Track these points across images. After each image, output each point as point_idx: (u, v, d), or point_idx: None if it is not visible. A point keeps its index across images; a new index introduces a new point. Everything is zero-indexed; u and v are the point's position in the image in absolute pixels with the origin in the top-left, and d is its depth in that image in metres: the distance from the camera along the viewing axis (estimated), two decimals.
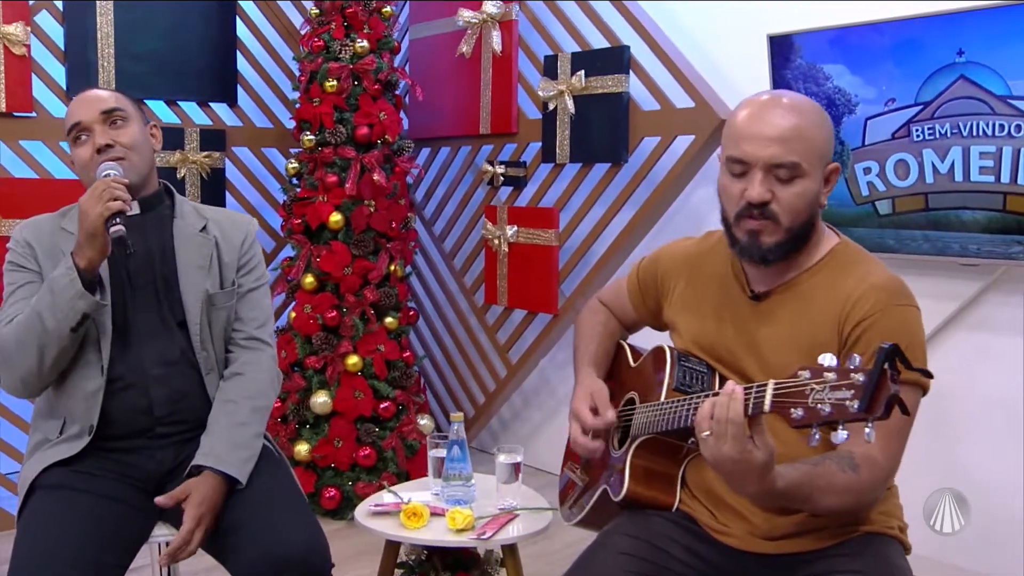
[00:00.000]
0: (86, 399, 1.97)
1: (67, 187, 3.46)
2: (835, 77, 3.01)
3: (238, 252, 2.14)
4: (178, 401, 2.01)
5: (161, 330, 2.02)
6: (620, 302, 2.09)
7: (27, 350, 1.89)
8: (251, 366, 2.09)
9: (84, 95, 2.07)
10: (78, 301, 1.85)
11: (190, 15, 3.82)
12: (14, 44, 3.36)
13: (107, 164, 1.96)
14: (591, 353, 2.04)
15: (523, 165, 3.76)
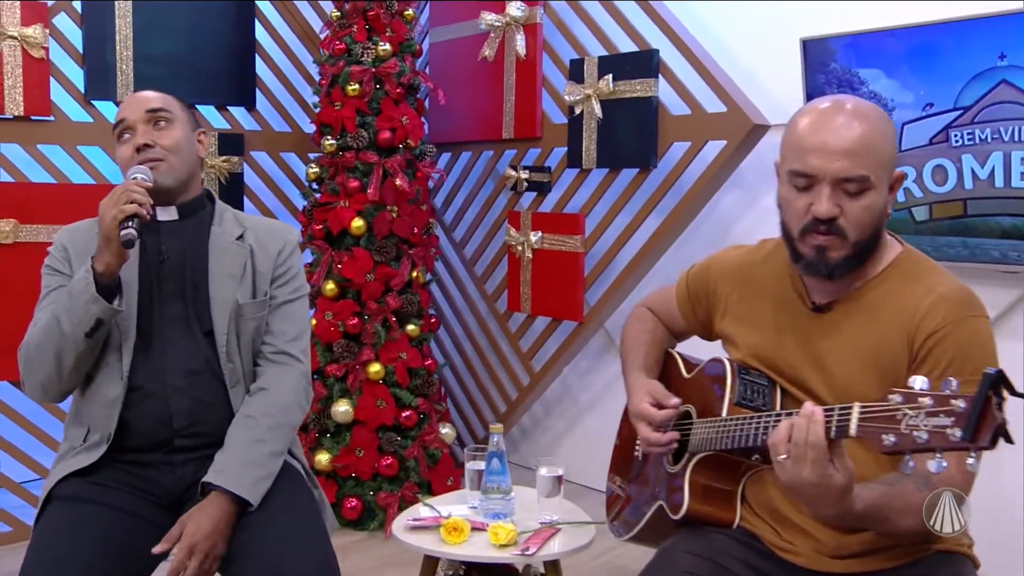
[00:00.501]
0: (107, 406, 1.92)
1: (85, 192, 3.43)
2: (871, 81, 2.96)
3: (273, 262, 2.07)
4: (199, 413, 1.94)
5: (186, 338, 1.96)
6: (668, 310, 2.04)
7: (45, 354, 1.87)
8: (277, 381, 2.00)
9: (134, 94, 2.05)
10: (92, 306, 1.81)
11: (208, 16, 3.76)
12: (32, 46, 3.30)
13: (138, 168, 1.92)
14: (640, 361, 1.99)
15: (547, 170, 3.71)
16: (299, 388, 2.03)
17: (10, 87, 3.28)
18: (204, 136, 2.10)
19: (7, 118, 3.31)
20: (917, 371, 1.53)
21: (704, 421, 1.74)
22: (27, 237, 3.31)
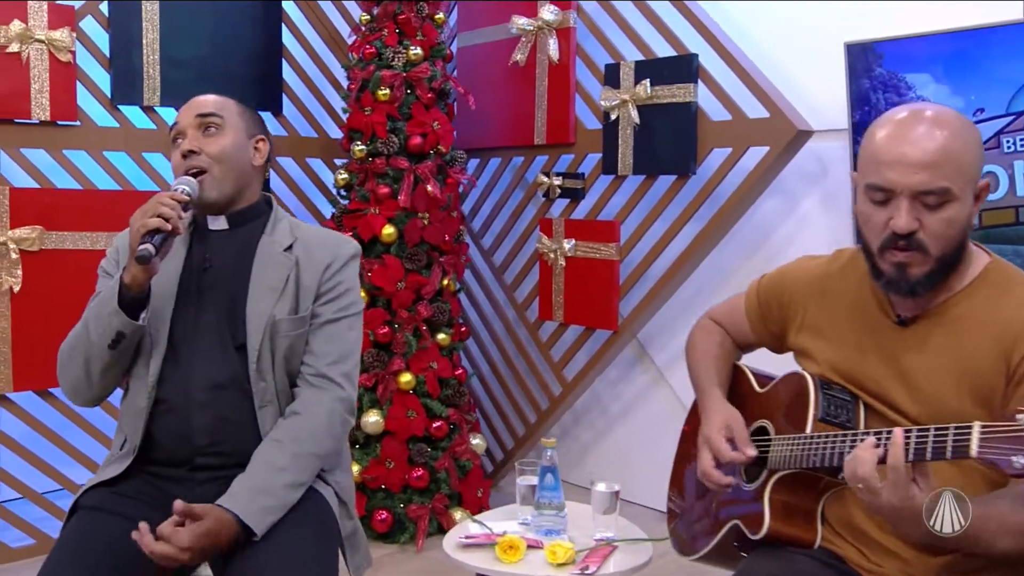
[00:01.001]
0: (136, 416, 1.88)
1: (111, 199, 3.37)
2: (919, 87, 2.90)
3: (319, 277, 1.94)
4: (222, 431, 1.86)
5: (216, 352, 1.88)
6: (736, 322, 1.98)
7: (76, 359, 1.85)
8: (312, 406, 1.88)
9: (194, 98, 1.99)
10: (114, 318, 1.78)
11: (234, 20, 3.70)
12: (59, 50, 3.24)
13: (183, 179, 1.86)
14: (713, 373, 1.93)
15: (581, 177, 3.65)
16: (334, 415, 1.90)
17: (37, 91, 3.22)
18: (262, 143, 2.02)
19: (33, 123, 3.25)
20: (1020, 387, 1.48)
21: (786, 438, 1.67)
22: (53, 244, 3.24)
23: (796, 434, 1.65)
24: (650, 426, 3.83)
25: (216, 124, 1.93)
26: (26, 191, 3.22)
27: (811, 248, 3.24)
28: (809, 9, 3.23)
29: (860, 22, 3.07)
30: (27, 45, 3.18)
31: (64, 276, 3.26)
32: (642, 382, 3.86)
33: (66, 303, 3.23)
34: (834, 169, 3.23)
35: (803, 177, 3.29)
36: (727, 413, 1.82)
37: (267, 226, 1.98)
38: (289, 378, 1.92)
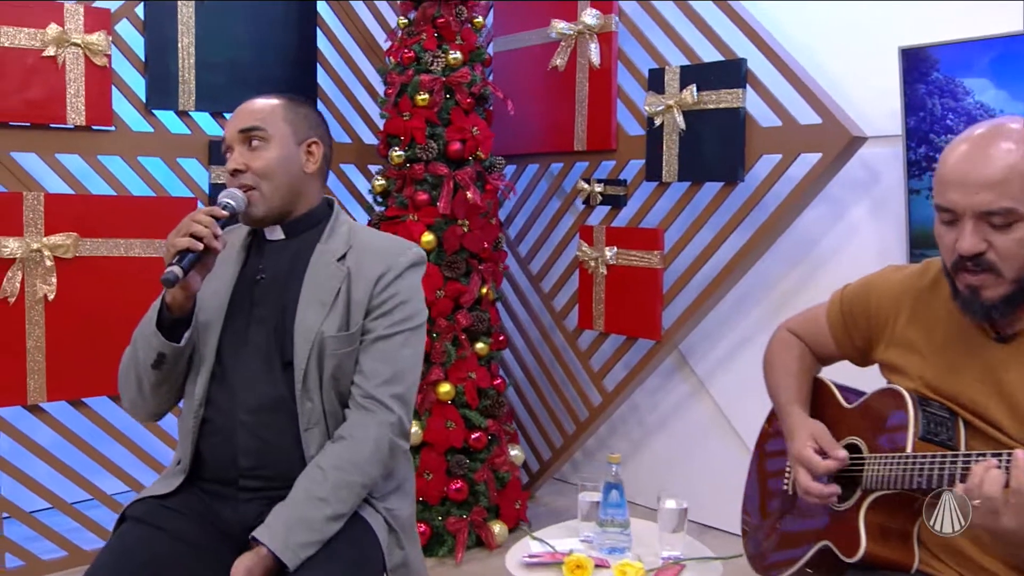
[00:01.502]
0: (185, 435, 1.84)
1: (146, 205, 3.31)
2: (977, 92, 2.84)
3: (371, 289, 1.82)
4: (267, 454, 1.78)
5: (262, 371, 1.80)
6: (817, 334, 1.91)
7: (128, 376, 1.83)
8: (359, 430, 1.76)
9: (242, 105, 1.88)
10: (153, 339, 1.73)
11: (269, 23, 3.63)
12: (95, 54, 3.18)
13: (231, 191, 1.79)
14: (794, 393, 1.86)
15: (623, 183, 3.58)
16: (382, 441, 1.77)
17: (72, 96, 3.16)
18: (315, 146, 1.89)
19: (68, 128, 3.20)
20: None
21: (883, 457, 1.60)
22: (88, 251, 3.18)
23: (894, 453, 1.58)
24: (690, 437, 3.77)
25: (260, 137, 1.82)
26: (61, 197, 3.16)
27: (858, 258, 3.22)
28: (855, 13, 3.17)
29: (904, 26, 3.03)
30: (63, 49, 3.12)
31: (99, 284, 3.20)
32: (681, 392, 3.80)
33: (101, 311, 3.20)
34: (884, 176, 3.16)
35: (851, 185, 3.23)
36: (812, 427, 1.76)
37: (324, 234, 1.88)
38: (339, 398, 1.82)
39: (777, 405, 1.89)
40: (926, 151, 2.95)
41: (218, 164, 3.49)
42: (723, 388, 3.65)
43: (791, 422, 1.80)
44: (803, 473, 1.71)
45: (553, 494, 4.10)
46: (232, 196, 1.77)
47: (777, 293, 3.45)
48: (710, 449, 3.69)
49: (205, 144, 3.49)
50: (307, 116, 1.92)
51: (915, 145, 2.96)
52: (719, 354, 3.65)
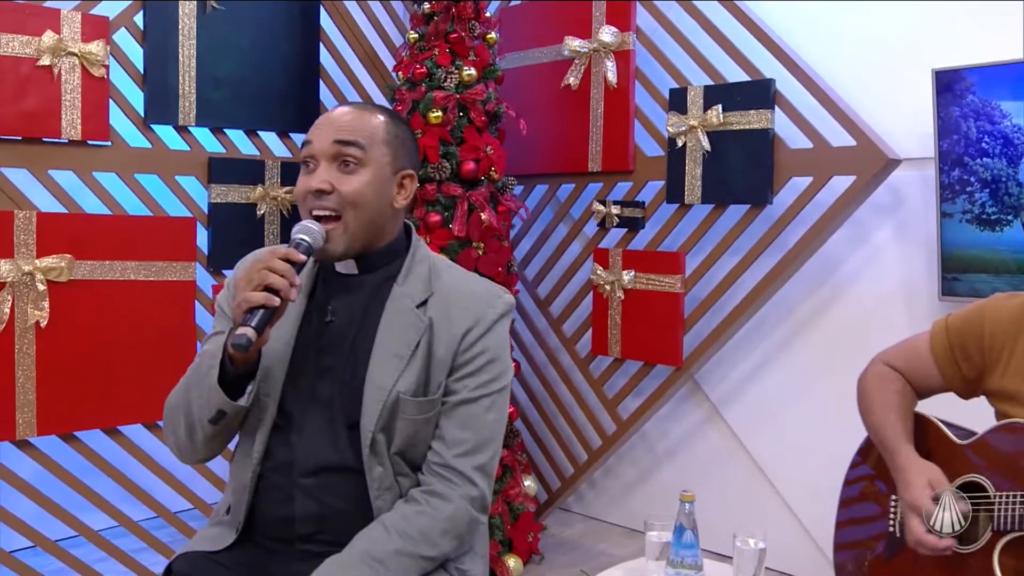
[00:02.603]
0: (238, 492, 1.63)
1: (144, 225, 3.11)
2: (1014, 115, 2.82)
3: (455, 346, 1.59)
4: (328, 520, 1.58)
5: (325, 430, 1.59)
6: (919, 366, 1.83)
7: (177, 421, 1.62)
8: (434, 500, 1.55)
9: (335, 111, 1.64)
10: (213, 394, 1.52)
11: (272, 36, 3.47)
12: (93, 64, 2.98)
13: (307, 226, 1.53)
14: (900, 429, 1.77)
15: (641, 205, 3.49)
16: (460, 517, 1.57)
17: (68, 108, 2.96)
18: (409, 180, 1.66)
19: (62, 142, 2.99)
20: None
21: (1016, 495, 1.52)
22: (83, 274, 2.97)
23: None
24: (702, 464, 3.68)
25: (356, 157, 1.57)
26: (54, 216, 2.95)
27: (882, 282, 3.18)
28: (879, 35, 3.14)
29: (930, 48, 3.00)
30: (59, 58, 2.92)
31: (94, 309, 3.00)
32: (694, 418, 3.71)
33: (96, 339, 2.99)
34: (909, 199, 3.13)
35: (875, 208, 3.18)
36: (928, 472, 1.67)
37: (401, 272, 1.66)
38: (410, 464, 1.61)
39: (882, 442, 1.80)
40: (960, 174, 2.92)
41: (219, 183, 3.31)
42: (739, 414, 3.57)
43: (902, 463, 1.71)
44: (916, 523, 1.62)
45: (559, 524, 3.97)
46: (308, 232, 1.52)
47: (796, 317, 3.39)
48: (725, 476, 3.60)
49: (205, 161, 3.30)
50: (406, 142, 1.68)
51: (948, 168, 2.93)
52: (734, 380, 3.57)
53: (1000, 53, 2.84)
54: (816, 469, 3.32)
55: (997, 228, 2.87)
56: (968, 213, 2.91)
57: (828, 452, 3.28)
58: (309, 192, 1.57)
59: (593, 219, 3.64)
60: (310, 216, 1.58)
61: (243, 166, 3.39)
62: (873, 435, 1.83)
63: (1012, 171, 2.82)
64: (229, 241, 3.36)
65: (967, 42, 2.94)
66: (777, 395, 3.45)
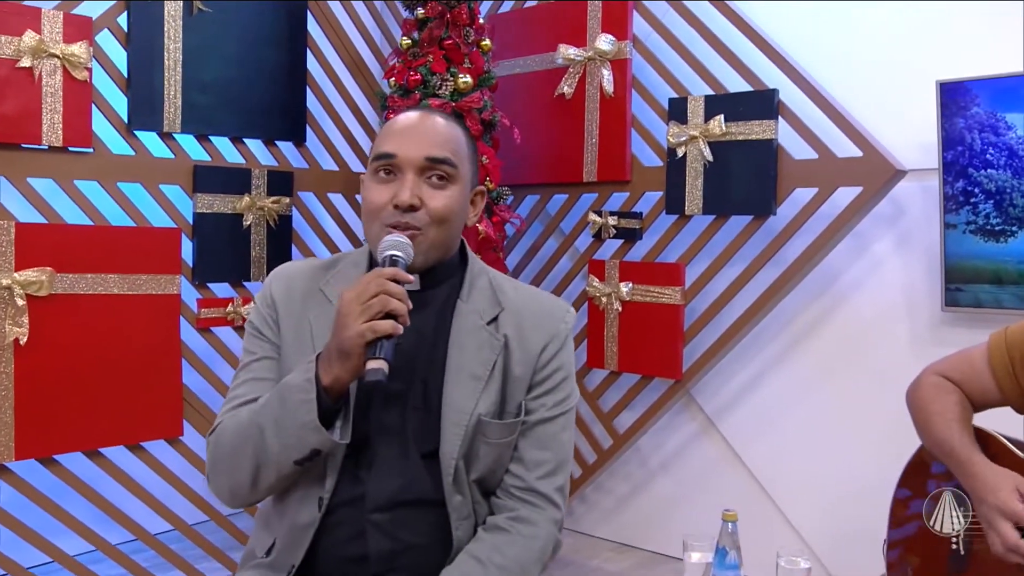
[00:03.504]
0: (294, 531, 1.48)
1: (127, 236, 2.96)
2: (1019, 127, 2.84)
3: (535, 362, 1.51)
4: (404, 557, 1.47)
5: (398, 461, 1.48)
6: (976, 379, 1.80)
7: (240, 464, 1.45)
8: (524, 527, 1.48)
9: (414, 119, 1.51)
10: (310, 434, 1.37)
11: (259, 42, 3.35)
12: (75, 67, 2.84)
13: (397, 240, 1.42)
14: (968, 440, 1.74)
15: (639, 216, 3.44)
16: (549, 541, 1.50)
17: (49, 112, 2.80)
18: (480, 197, 1.59)
19: (42, 148, 2.83)
20: None
21: None
22: (64, 288, 2.81)
23: None
24: (696, 477, 3.63)
25: (447, 175, 1.48)
26: (34, 227, 2.79)
27: (882, 293, 3.18)
28: (878, 48, 3.14)
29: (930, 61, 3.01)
30: (40, 60, 2.77)
31: (76, 325, 2.84)
32: (688, 431, 3.66)
33: (78, 356, 2.83)
34: (910, 210, 3.13)
35: (875, 218, 3.18)
36: (1011, 477, 1.63)
37: (464, 286, 1.56)
38: (484, 490, 1.53)
39: (949, 453, 1.76)
40: (964, 185, 2.92)
41: (205, 192, 3.17)
42: (734, 426, 3.54)
43: (978, 471, 1.67)
44: (1007, 529, 1.58)
45: None
46: (403, 249, 1.42)
47: (794, 328, 3.37)
48: (720, 489, 3.56)
49: (190, 169, 3.16)
50: (476, 159, 1.60)
51: (952, 179, 2.94)
52: (729, 392, 3.54)
53: (1005, 65, 2.86)
54: (815, 481, 3.31)
55: (1001, 239, 2.88)
56: (972, 224, 2.92)
57: (827, 464, 3.29)
58: (392, 205, 1.46)
59: (588, 230, 3.58)
60: (384, 228, 1.47)
61: (229, 175, 3.25)
62: (936, 447, 1.79)
63: (1017, 183, 2.84)
64: (214, 253, 3.23)
65: (968, 53, 2.95)
66: (774, 407, 3.42)
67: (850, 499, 3.22)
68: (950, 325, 3.05)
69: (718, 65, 3.27)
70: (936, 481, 1.81)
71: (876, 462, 3.18)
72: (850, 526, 3.16)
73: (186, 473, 3.16)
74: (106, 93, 3.00)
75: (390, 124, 1.54)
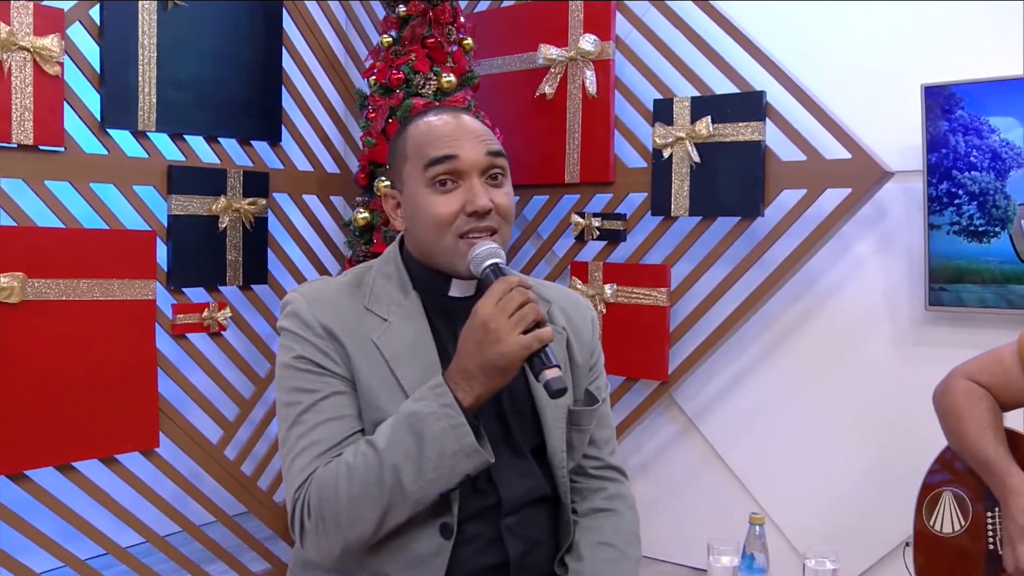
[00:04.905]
0: (415, 565, 1.39)
1: (101, 239, 2.82)
2: (1003, 130, 2.90)
3: (589, 348, 1.61)
4: (530, 557, 1.48)
5: (515, 463, 1.48)
6: (1008, 379, 1.81)
7: (363, 513, 1.34)
8: (619, 502, 1.62)
9: (454, 119, 1.48)
10: (463, 460, 1.32)
11: (234, 37, 3.23)
12: (47, 61, 2.69)
13: (489, 248, 1.40)
14: (1003, 448, 1.74)
15: (623, 218, 3.42)
16: (636, 514, 1.66)
17: (19, 109, 2.66)
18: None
19: (10, 147, 2.68)
20: None
21: None
22: (36, 294, 2.67)
23: None
24: (677, 478, 3.63)
25: (503, 170, 1.47)
26: (5, 230, 2.64)
27: (864, 293, 3.22)
28: (863, 50, 3.18)
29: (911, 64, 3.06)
30: (9, 53, 2.62)
31: (50, 333, 2.69)
32: (669, 432, 3.66)
33: (50, 365, 2.69)
34: (892, 211, 3.17)
35: (857, 219, 3.21)
36: None
37: None
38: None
39: (985, 463, 1.76)
40: (948, 187, 2.97)
41: (180, 193, 3.04)
42: (716, 427, 3.55)
43: (1015, 485, 1.68)
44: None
45: None
46: (499, 256, 1.40)
47: (776, 329, 3.39)
48: (702, 490, 3.56)
49: (164, 170, 3.04)
50: None
51: (936, 181, 2.99)
52: (709, 393, 3.54)
53: (990, 69, 2.91)
54: (799, 481, 3.33)
55: (985, 240, 2.94)
56: (956, 225, 2.97)
57: (811, 464, 3.31)
58: (468, 213, 1.41)
59: (571, 231, 3.54)
60: (459, 240, 1.42)
61: (204, 175, 3.13)
62: (969, 455, 1.79)
63: (1000, 184, 2.90)
64: (190, 256, 3.10)
65: (952, 57, 3.00)
66: (757, 407, 3.44)
67: (834, 499, 3.25)
68: (933, 324, 3.10)
69: (701, 67, 3.27)
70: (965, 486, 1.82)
71: (859, 462, 3.22)
72: (834, 526, 3.19)
73: (156, 483, 3.03)
74: (78, 89, 2.86)
75: (429, 128, 1.48)
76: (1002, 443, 1.76)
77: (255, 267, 3.30)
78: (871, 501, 3.17)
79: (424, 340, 1.46)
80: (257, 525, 3.47)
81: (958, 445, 1.83)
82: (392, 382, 1.41)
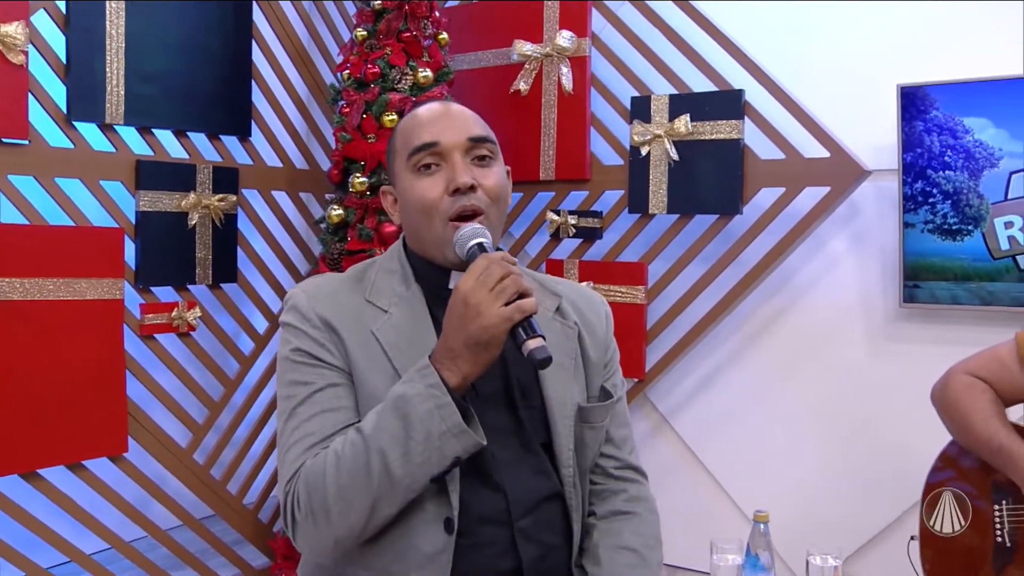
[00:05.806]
0: (421, 565, 1.35)
1: (67, 236, 2.71)
2: (976, 131, 2.94)
3: (603, 344, 1.58)
4: (545, 561, 1.43)
5: (524, 459, 1.43)
6: (1007, 376, 1.84)
7: (353, 503, 1.30)
8: (640, 504, 1.56)
9: (440, 108, 1.48)
10: (453, 441, 1.27)
11: (203, 29, 3.12)
12: (11, 50, 2.58)
13: (473, 228, 1.37)
14: (1014, 436, 1.77)
15: (599, 215, 3.40)
16: (658, 517, 1.60)
17: None
18: (509, 176, 1.54)
19: None
20: None
21: None
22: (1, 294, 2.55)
23: None
24: (651, 476, 3.61)
25: (491, 152, 1.46)
26: None
27: (837, 291, 3.25)
28: (838, 50, 3.21)
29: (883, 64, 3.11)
30: None
31: (15, 335, 2.58)
32: (641, 430, 3.65)
33: (14, 368, 2.57)
34: (865, 210, 3.21)
35: (831, 218, 3.24)
36: None
37: None
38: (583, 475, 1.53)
39: (997, 450, 1.78)
40: (923, 186, 3.02)
41: (148, 189, 2.94)
42: (690, 424, 3.55)
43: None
44: None
45: None
46: (484, 235, 1.37)
47: (749, 327, 3.41)
48: (676, 487, 3.57)
49: (132, 164, 2.93)
50: None
51: (911, 180, 3.03)
52: (686, 389, 3.55)
53: (964, 70, 2.95)
54: (774, 478, 3.35)
55: (958, 238, 2.99)
56: (930, 223, 3.02)
57: (786, 461, 3.34)
58: (449, 192, 1.40)
59: (546, 229, 3.51)
60: (448, 224, 1.40)
61: (173, 170, 3.03)
62: (980, 445, 1.81)
63: (973, 183, 2.95)
64: (158, 254, 3.01)
65: (927, 58, 3.04)
66: (731, 405, 3.45)
67: (809, 495, 3.27)
68: (906, 321, 3.14)
69: (678, 65, 3.27)
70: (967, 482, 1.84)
71: (834, 458, 3.25)
72: (809, 522, 3.22)
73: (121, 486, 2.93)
74: (43, 80, 2.74)
75: (413, 119, 1.49)
76: (1011, 429, 1.78)
77: (225, 265, 3.21)
78: (845, 497, 3.21)
79: (424, 329, 1.43)
80: (224, 528, 3.38)
81: (965, 437, 1.84)
82: (390, 372, 1.38)
